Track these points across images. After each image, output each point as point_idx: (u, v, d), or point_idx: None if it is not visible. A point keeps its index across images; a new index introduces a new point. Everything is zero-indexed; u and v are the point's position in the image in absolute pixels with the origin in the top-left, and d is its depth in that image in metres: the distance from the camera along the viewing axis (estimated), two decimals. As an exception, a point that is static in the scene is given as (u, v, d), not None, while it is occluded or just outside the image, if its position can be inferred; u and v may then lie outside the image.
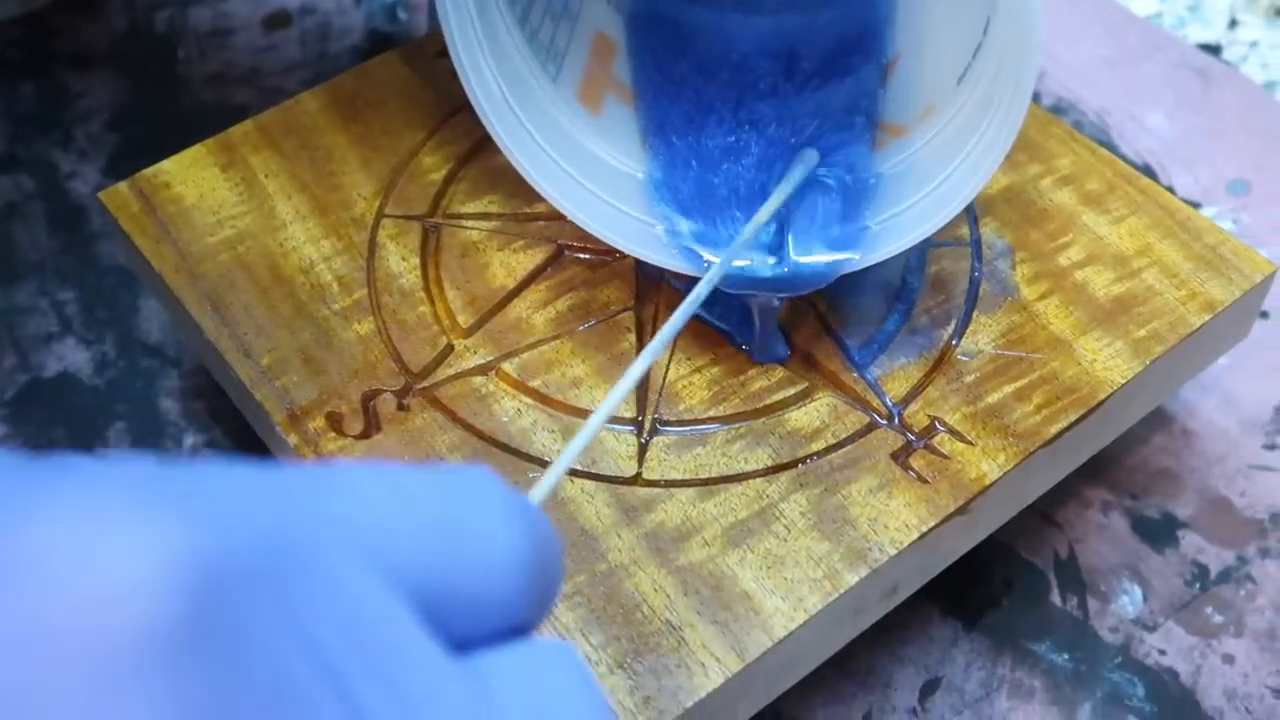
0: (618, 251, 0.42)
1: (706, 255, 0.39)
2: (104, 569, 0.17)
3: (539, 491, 0.26)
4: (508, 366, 0.40)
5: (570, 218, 0.40)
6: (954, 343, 0.40)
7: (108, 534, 0.17)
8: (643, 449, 0.38)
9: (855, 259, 0.38)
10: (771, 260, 0.38)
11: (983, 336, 0.40)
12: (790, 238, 0.39)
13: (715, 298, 0.37)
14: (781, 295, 0.39)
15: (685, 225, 0.39)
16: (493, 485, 0.21)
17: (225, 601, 0.17)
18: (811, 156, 0.39)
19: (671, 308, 0.41)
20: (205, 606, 0.17)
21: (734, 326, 0.40)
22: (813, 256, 0.38)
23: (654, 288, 0.42)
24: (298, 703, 0.18)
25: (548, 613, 0.23)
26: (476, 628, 0.21)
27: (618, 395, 0.28)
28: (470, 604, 0.21)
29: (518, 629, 0.21)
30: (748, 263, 0.38)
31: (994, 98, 0.36)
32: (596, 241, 0.40)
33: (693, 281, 0.35)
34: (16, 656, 0.16)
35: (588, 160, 0.40)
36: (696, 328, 0.40)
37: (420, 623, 0.20)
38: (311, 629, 0.19)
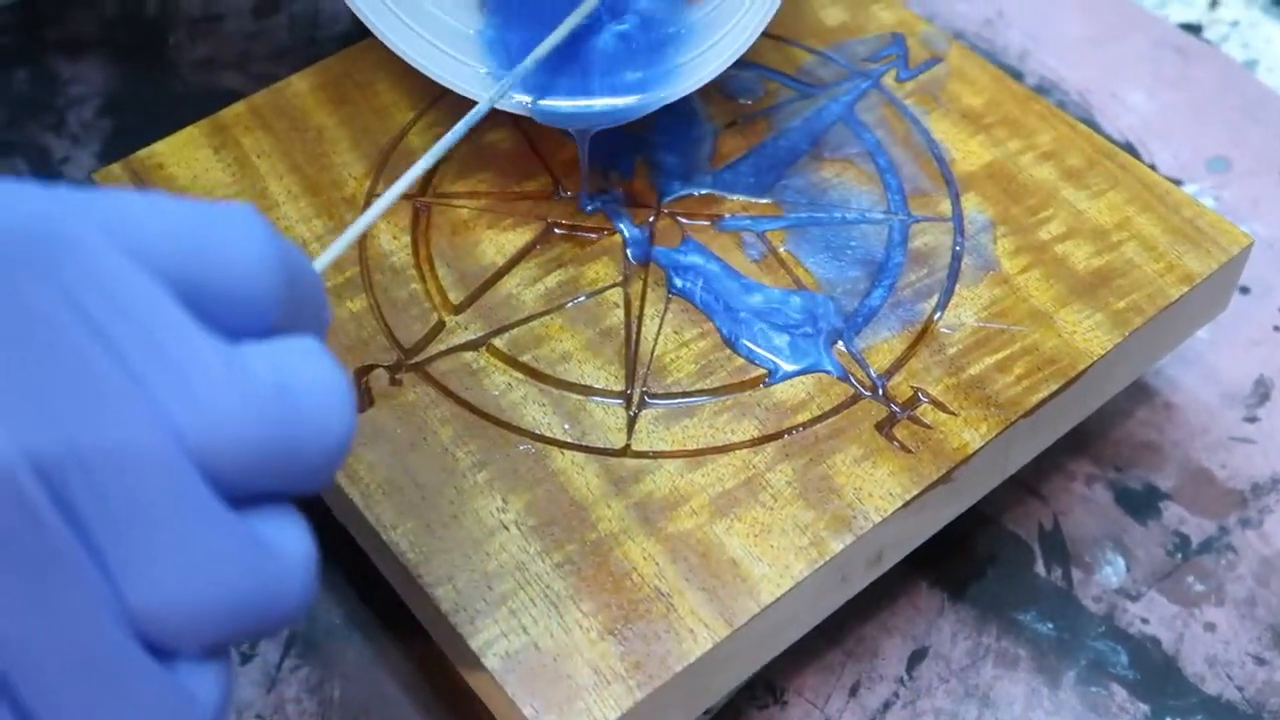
0: (605, 229, 0.43)
1: (517, 97, 0.43)
2: None
3: (324, 258, 0.30)
4: (498, 342, 0.40)
5: (408, 61, 0.43)
6: (936, 316, 0.41)
7: None
8: (631, 421, 0.39)
9: (657, 97, 0.43)
10: (575, 101, 0.43)
11: (965, 310, 0.41)
12: (593, 79, 0.43)
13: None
14: (583, 128, 0.43)
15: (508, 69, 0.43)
16: (248, 212, 0.25)
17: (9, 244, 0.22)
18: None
19: (658, 284, 0.42)
20: None
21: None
22: (608, 99, 0.43)
23: (641, 266, 0.42)
24: (65, 352, 0.22)
25: (317, 327, 0.27)
26: (231, 321, 0.24)
27: (410, 175, 0.34)
28: (222, 296, 0.24)
29: (276, 332, 0.25)
30: (557, 102, 0.43)
31: None
32: (585, 220, 0.41)
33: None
34: None
35: (428, 18, 0.44)
36: (683, 304, 0.41)
37: (175, 300, 0.24)
38: (75, 293, 0.22)
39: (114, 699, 0.24)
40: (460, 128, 0.37)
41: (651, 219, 0.44)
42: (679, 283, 0.41)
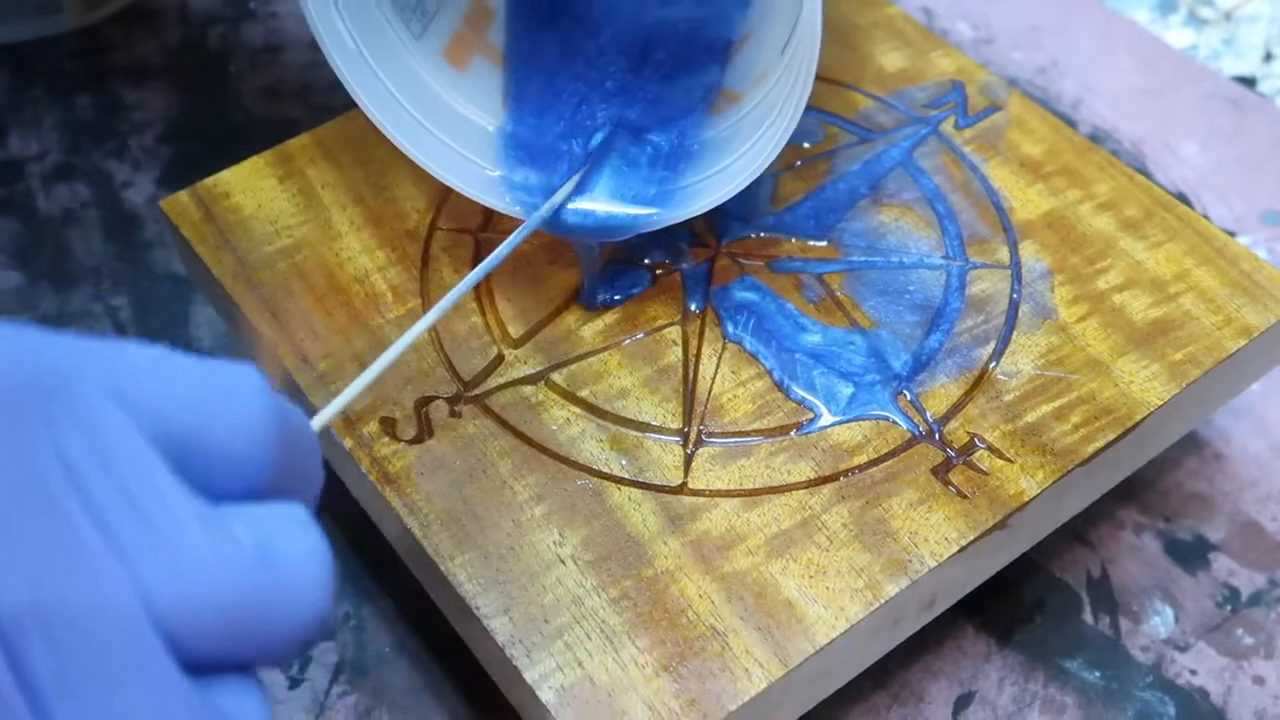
0: (663, 267, 0.43)
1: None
2: None
3: (325, 414, 0.32)
4: (557, 377, 0.41)
5: (415, 160, 0.42)
6: (993, 362, 0.41)
7: None
8: (688, 459, 0.39)
9: (656, 214, 0.41)
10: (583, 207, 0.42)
11: (1022, 357, 0.41)
12: (603, 191, 0.42)
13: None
14: (591, 241, 0.42)
15: (521, 175, 0.43)
16: (249, 373, 0.25)
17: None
18: (620, 134, 0.43)
19: (716, 323, 0.42)
20: None
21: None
22: (618, 208, 0.42)
23: (699, 305, 0.43)
24: (44, 505, 0.22)
25: (308, 493, 0.26)
26: (219, 481, 0.24)
27: (439, 309, 0.36)
28: (213, 456, 0.24)
29: (266, 496, 0.25)
30: (585, 208, 0.42)
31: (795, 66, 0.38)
32: (644, 258, 0.41)
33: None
34: None
35: (442, 111, 0.43)
36: (740, 349, 0.41)
37: (165, 460, 0.24)
38: (64, 447, 0.23)
39: None
40: (499, 252, 0.38)
41: (711, 259, 0.44)
42: (731, 328, 0.42)
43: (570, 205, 0.42)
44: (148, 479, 0.23)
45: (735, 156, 0.41)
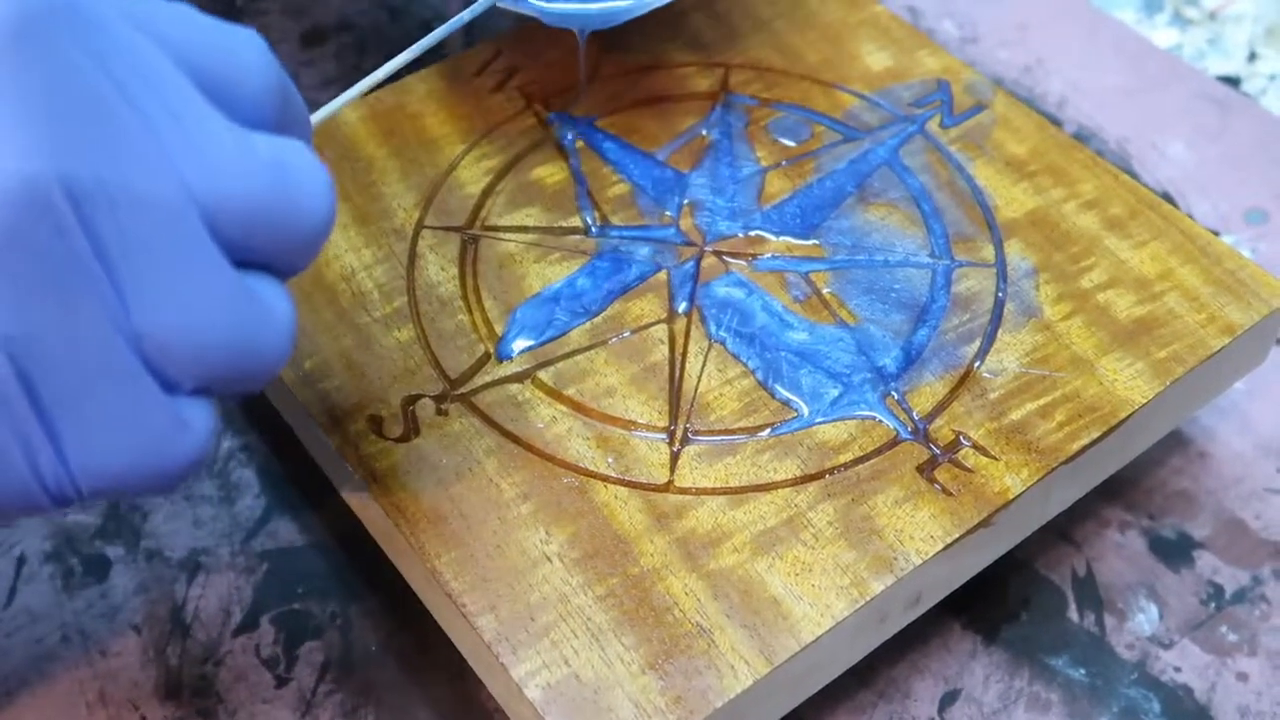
0: (651, 264, 0.44)
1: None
2: None
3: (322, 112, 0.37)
4: (543, 375, 0.41)
5: None
6: (978, 361, 0.41)
7: None
8: (674, 457, 0.39)
9: (630, 5, 0.45)
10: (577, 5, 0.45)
11: (1007, 355, 0.41)
12: None
13: None
14: (583, 28, 0.46)
15: None
16: (252, 31, 0.29)
17: (39, 21, 0.25)
18: None
19: (703, 321, 0.42)
20: (29, 18, 0.25)
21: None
22: (589, 5, 0.45)
23: (685, 303, 0.43)
24: (97, 102, 0.26)
25: (302, 137, 0.31)
26: (235, 111, 0.28)
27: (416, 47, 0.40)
28: (230, 87, 0.28)
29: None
30: (551, 4, 0.45)
31: None
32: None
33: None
34: None
35: None
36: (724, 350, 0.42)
37: (189, 80, 0.27)
38: (105, 58, 0.26)
39: (121, 410, 0.27)
40: (465, 15, 0.41)
41: (697, 257, 0.44)
42: (714, 328, 0.42)
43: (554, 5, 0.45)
44: (179, 93, 0.27)
45: None
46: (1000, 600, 0.44)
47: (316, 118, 0.35)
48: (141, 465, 0.28)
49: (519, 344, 0.41)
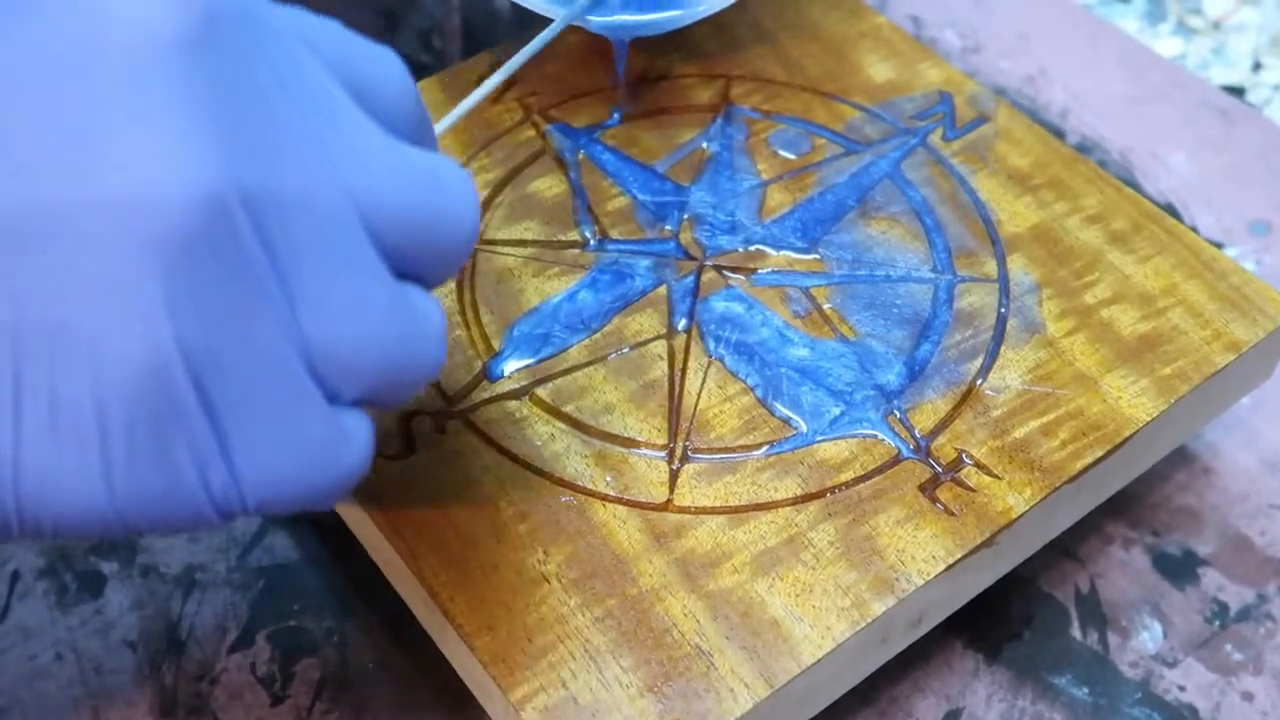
0: (651, 279, 0.43)
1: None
2: (141, 6, 0.25)
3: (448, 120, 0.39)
4: (542, 392, 0.40)
5: None
6: (981, 378, 0.41)
7: None
8: (674, 476, 0.38)
9: (679, 15, 0.47)
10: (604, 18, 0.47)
11: (1010, 372, 0.41)
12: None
13: None
14: (621, 38, 0.47)
15: None
16: (392, 52, 0.31)
17: (217, 28, 0.26)
18: None
19: (699, 337, 0.42)
20: (208, 26, 0.25)
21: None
22: (639, 15, 0.47)
23: (685, 319, 0.42)
24: (268, 110, 0.26)
25: (430, 145, 0.31)
26: (383, 124, 0.29)
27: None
28: (380, 102, 0.29)
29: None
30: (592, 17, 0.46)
31: None
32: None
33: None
34: (78, 50, 0.25)
35: None
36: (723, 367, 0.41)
37: (346, 93, 0.28)
38: (276, 68, 0.27)
39: (289, 421, 0.27)
40: (546, 34, 0.43)
41: (697, 272, 0.44)
42: (712, 345, 0.41)
43: (597, 18, 0.46)
44: (338, 104, 0.28)
45: None
46: (1003, 618, 0.44)
47: (439, 130, 0.37)
48: (306, 477, 0.28)
49: (510, 365, 0.41)
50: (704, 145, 0.48)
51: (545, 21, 0.45)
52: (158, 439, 0.26)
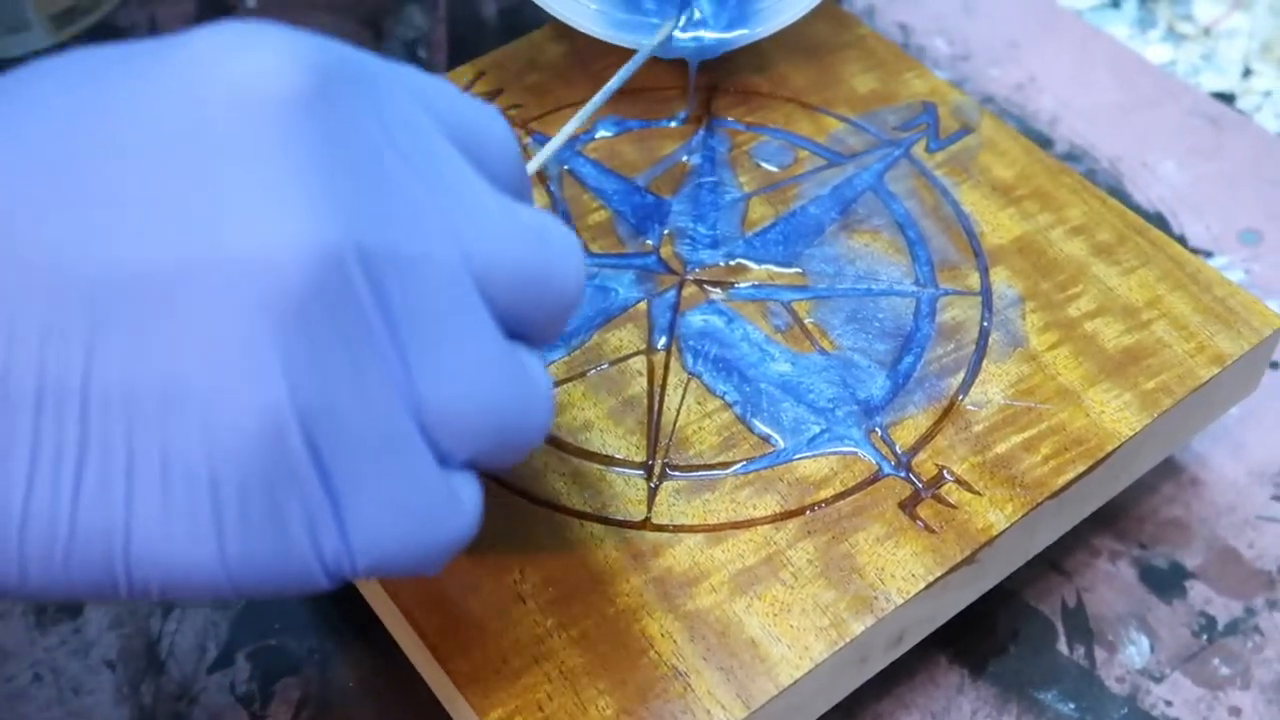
0: (632, 293, 0.43)
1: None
2: (256, 65, 0.25)
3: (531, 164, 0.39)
4: (520, 409, 0.40)
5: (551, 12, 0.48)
6: (963, 393, 0.40)
7: (251, 45, 0.25)
8: (652, 493, 0.38)
9: (746, 33, 0.49)
10: (684, 35, 0.48)
11: (992, 386, 0.40)
12: (695, 16, 0.49)
13: None
14: (695, 58, 0.49)
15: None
16: (497, 109, 0.31)
17: (332, 88, 0.26)
18: None
19: (679, 351, 0.41)
20: (323, 85, 0.25)
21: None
22: (710, 33, 0.49)
23: (665, 334, 0.42)
24: (382, 169, 0.26)
25: (528, 200, 0.32)
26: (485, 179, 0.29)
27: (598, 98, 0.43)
28: (491, 164, 0.29)
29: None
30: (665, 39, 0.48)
31: None
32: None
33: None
34: (192, 110, 0.25)
35: None
36: (707, 375, 0.41)
37: (457, 151, 0.28)
38: (389, 127, 0.27)
39: (400, 482, 0.26)
40: (627, 69, 0.44)
41: (677, 286, 0.43)
42: (690, 360, 0.41)
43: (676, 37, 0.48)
44: (449, 162, 0.28)
45: None
46: (988, 632, 0.43)
47: (532, 166, 0.38)
48: (416, 541, 0.27)
49: None
50: (685, 158, 0.47)
51: (539, 36, 0.45)
52: (271, 502, 0.25)
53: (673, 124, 0.49)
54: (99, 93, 0.25)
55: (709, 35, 0.48)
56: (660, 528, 0.37)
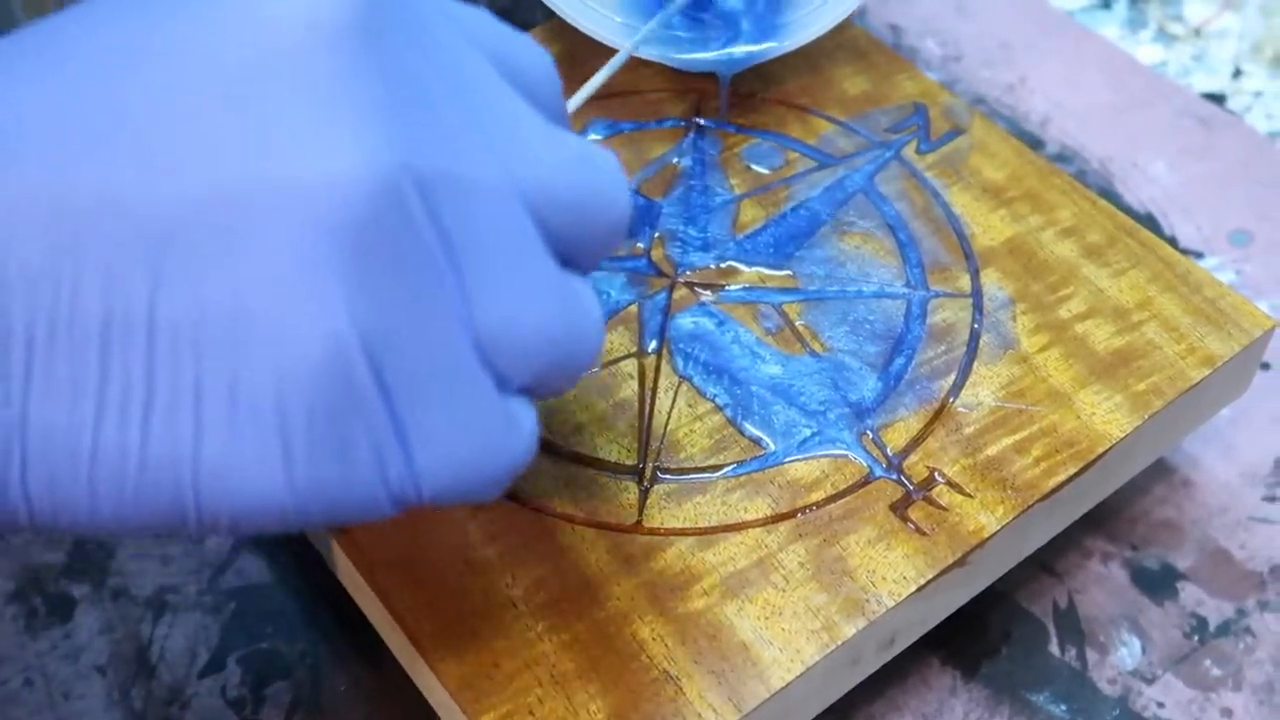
0: (623, 296, 0.43)
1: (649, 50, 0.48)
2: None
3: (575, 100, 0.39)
4: (511, 412, 0.40)
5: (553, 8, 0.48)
6: (953, 395, 0.40)
7: None
8: (643, 496, 0.38)
9: (775, 46, 0.48)
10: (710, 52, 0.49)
11: (983, 389, 0.40)
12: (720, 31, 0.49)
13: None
14: (724, 73, 0.49)
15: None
16: (533, 39, 0.31)
17: (379, 17, 0.26)
18: None
19: (669, 354, 0.41)
20: (370, 14, 0.26)
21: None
22: (738, 47, 0.48)
23: (655, 337, 0.42)
24: (431, 99, 0.26)
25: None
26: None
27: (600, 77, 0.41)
28: (531, 88, 0.29)
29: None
30: (694, 55, 0.49)
31: None
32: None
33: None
34: (243, 42, 0.25)
35: None
36: (698, 378, 0.41)
37: (503, 79, 0.28)
38: (434, 58, 0.27)
39: (462, 406, 0.27)
40: (609, 67, 0.42)
41: (668, 289, 0.43)
42: (681, 364, 0.41)
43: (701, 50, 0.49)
44: (495, 89, 0.28)
45: None
46: (980, 634, 0.43)
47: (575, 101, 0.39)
48: (478, 466, 0.28)
49: None
50: (675, 160, 0.47)
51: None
52: (337, 426, 0.25)
53: (665, 126, 0.49)
54: (150, 26, 0.26)
55: (739, 50, 0.48)
56: (651, 531, 0.37)
